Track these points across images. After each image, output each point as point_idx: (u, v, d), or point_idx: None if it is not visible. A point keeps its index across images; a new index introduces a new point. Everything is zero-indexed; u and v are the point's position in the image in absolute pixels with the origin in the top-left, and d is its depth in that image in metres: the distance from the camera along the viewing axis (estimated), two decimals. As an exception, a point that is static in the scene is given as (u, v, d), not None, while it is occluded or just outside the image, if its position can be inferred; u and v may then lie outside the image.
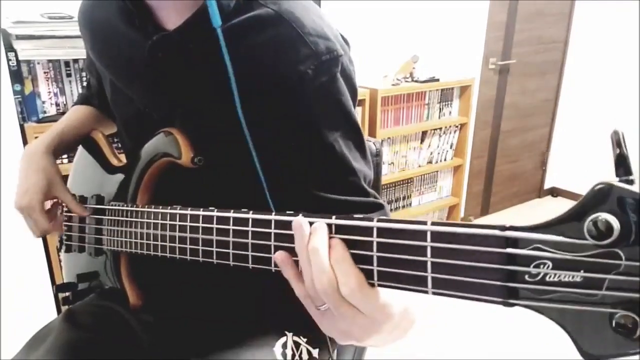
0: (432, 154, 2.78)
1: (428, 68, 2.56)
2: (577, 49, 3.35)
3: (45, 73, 1.55)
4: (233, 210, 0.53)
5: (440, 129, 2.76)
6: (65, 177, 0.85)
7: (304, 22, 0.64)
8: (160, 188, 0.75)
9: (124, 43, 0.74)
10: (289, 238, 0.46)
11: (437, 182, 2.93)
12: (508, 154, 3.36)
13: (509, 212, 3.52)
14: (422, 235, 0.36)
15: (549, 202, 3.70)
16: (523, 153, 3.47)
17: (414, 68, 2.52)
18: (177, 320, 0.80)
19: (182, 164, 0.69)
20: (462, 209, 3.09)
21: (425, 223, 0.36)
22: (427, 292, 0.36)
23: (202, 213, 0.57)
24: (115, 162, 0.84)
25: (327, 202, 0.65)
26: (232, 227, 0.52)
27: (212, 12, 0.62)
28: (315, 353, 0.76)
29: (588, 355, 0.30)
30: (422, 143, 2.72)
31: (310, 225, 0.44)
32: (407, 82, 2.49)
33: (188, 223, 0.59)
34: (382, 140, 2.48)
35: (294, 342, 0.75)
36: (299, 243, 0.44)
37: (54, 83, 1.57)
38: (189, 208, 0.60)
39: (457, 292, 0.35)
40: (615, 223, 0.28)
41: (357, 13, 2.33)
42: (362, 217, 0.41)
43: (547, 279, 0.31)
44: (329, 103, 0.65)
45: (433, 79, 2.53)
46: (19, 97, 1.53)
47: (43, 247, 1.68)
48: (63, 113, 1.54)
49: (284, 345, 0.74)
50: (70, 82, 1.59)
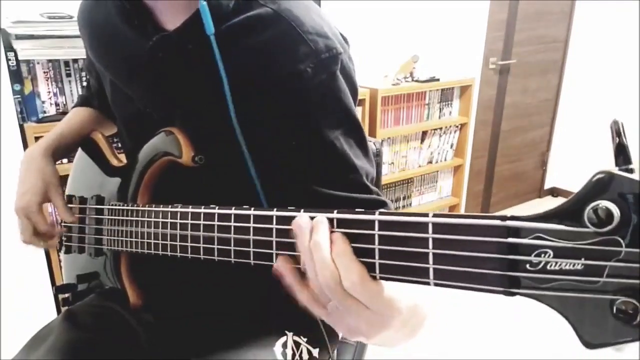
0: (432, 154, 2.78)
1: (428, 68, 2.56)
2: (577, 49, 3.35)
3: (45, 73, 1.55)
4: (234, 207, 0.53)
5: (441, 129, 2.76)
6: (66, 177, 0.85)
7: (303, 20, 0.64)
8: (160, 188, 0.75)
9: (124, 43, 0.74)
10: (290, 234, 0.46)
11: (437, 182, 2.93)
12: (508, 154, 3.36)
13: (509, 212, 3.50)
14: (423, 227, 0.36)
15: (550, 202, 3.70)
16: (523, 153, 3.47)
17: (414, 68, 2.52)
18: (177, 320, 0.80)
19: (182, 163, 0.69)
20: (462, 209, 3.09)
21: (427, 215, 0.36)
22: (429, 283, 0.36)
23: (203, 210, 0.57)
24: (116, 162, 0.84)
25: (329, 199, 0.65)
26: (233, 223, 0.52)
27: (205, 19, 0.62)
28: (316, 353, 0.76)
29: (589, 344, 0.30)
30: (422, 143, 2.72)
31: (312, 220, 0.44)
32: (407, 82, 2.49)
33: (189, 221, 0.59)
34: (382, 140, 2.48)
35: (294, 341, 0.75)
36: (301, 240, 0.44)
37: (54, 83, 1.57)
38: (190, 206, 0.60)
39: (458, 282, 0.35)
40: (616, 210, 0.28)
41: (357, 13, 2.33)
42: (363, 210, 0.42)
43: (548, 268, 0.31)
44: (329, 101, 0.65)
45: (433, 79, 2.53)
46: (19, 97, 1.52)
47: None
48: (63, 113, 1.54)
49: (284, 345, 0.73)
50: (70, 82, 1.59)
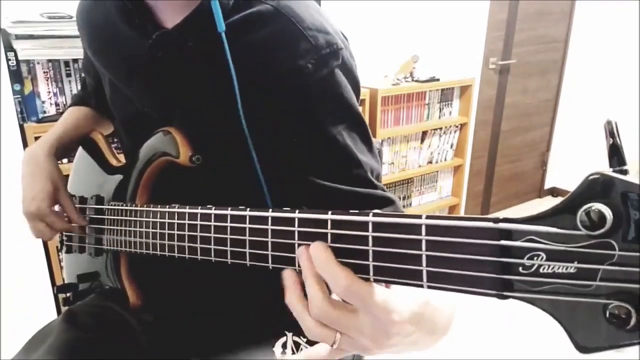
0: (432, 154, 2.78)
1: (428, 68, 2.56)
2: (577, 49, 3.35)
3: (45, 73, 1.55)
4: (231, 208, 0.53)
5: (441, 129, 2.75)
6: (66, 177, 0.85)
7: (303, 17, 0.63)
8: (159, 188, 0.75)
9: (123, 42, 0.74)
10: (286, 234, 0.46)
11: (437, 182, 2.92)
12: (508, 154, 3.36)
13: (509, 212, 3.52)
14: (417, 229, 0.36)
15: (550, 202, 3.69)
16: (523, 153, 3.47)
17: (414, 68, 2.52)
18: (177, 321, 0.80)
19: (180, 163, 0.69)
20: (462, 209, 3.09)
21: (420, 216, 0.36)
22: (422, 286, 0.36)
23: (199, 211, 0.57)
24: (115, 162, 0.84)
25: (334, 193, 0.64)
26: (229, 224, 0.52)
27: (217, 17, 0.62)
28: (316, 353, 0.76)
29: (582, 348, 0.29)
30: (422, 143, 2.72)
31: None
32: (407, 82, 2.49)
33: (187, 221, 0.59)
34: (382, 140, 2.48)
35: (294, 342, 0.75)
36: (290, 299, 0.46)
37: (54, 83, 1.57)
38: (188, 206, 0.60)
39: (451, 285, 0.35)
40: (608, 213, 0.27)
41: (357, 13, 2.33)
42: (357, 212, 0.41)
43: (541, 271, 0.31)
44: (331, 96, 0.65)
45: (433, 79, 2.53)
46: (19, 97, 1.53)
47: (43, 247, 1.68)
48: (63, 113, 1.54)
49: (284, 345, 0.73)
50: (70, 82, 1.59)
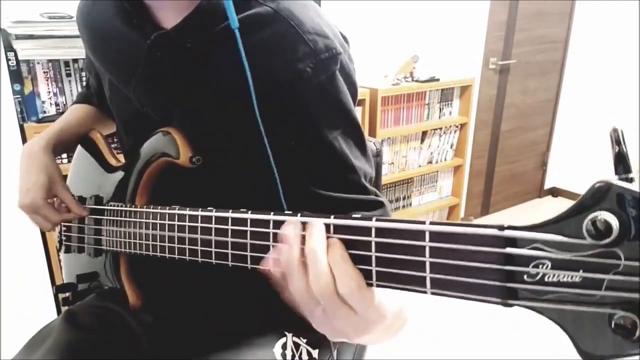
0: (432, 154, 2.78)
1: (428, 68, 2.56)
2: (577, 49, 3.35)
3: (45, 73, 1.55)
4: (231, 210, 0.52)
5: (441, 129, 2.75)
6: (65, 177, 0.84)
7: (303, 20, 0.63)
8: (159, 188, 0.74)
9: (123, 42, 0.74)
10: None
11: (437, 182, 2.92)
12: (508, 154, 3.36)
13: (509, 212, 3.52)
14: (420, 235, 0.36)
15: (550, 202, 3.69)
16: (523, 153, 3.47)
17: (414, 68, 2.52)
18: (177, 321, 0.80)
19: (180, 164, 0.68)
20: (462, 209, 3.09)
21: (424, 223, 0.36)
22: (425, 292, 0.36)
23: (200, 213, 0.57)
24: (114, 162, 0.84)
25: (327, 200, 0.65)
26: (230, 227, 0.52)
27: (230, 14, 0.60)
28: (315, 354, 0.76)
29: (587, 356, 0.29)
30: (422, 143, 2.72)
31: (304, 226, 0.43)
32: (407, 82, 2.49)
33: (187, 223, 0.59)
34: (382, 140, 2.48)
35: (294, 342, 0.75)
36: (288, 251, 0.43)
37: (54, 83, 1.57)
38: (188, 208, 0.60)
39: (455, 292, 0.35)
40: (615, 222, 0.27)
41: (357, 13, 2.33)
42: (360, 217, 0.41)
43: (546, 279, 0.31)
44: (329, 101, 0.65)
45: (433, 79, 2.53)
46: (19, 97, 1.53)
47: (43, 247, 1.68)
48: (63, 113, 1.53)
49: (284, 346, 0.73)
50: (70, 82, 1.59)
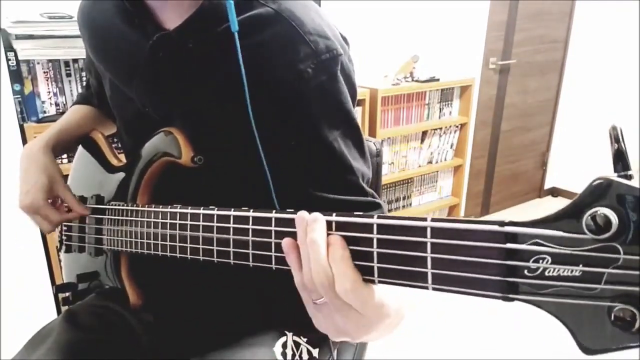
0: (432, 154, 2.78)
1: (428, 68, 2.56)
2: (577, 49, 3.35)
3: (45, 73, 1.55)
4: (233, 209, 0.53)
5: (441, 129, 2.76)
6: (65, 177, 0.84)
7: (304, 21, 0.64)
8: (160, 188, 0.75)
9: (124, 43, 0.74)
10: (289, 236, 0.46)
11: (437, 182, 2.93)
12: (508, 154, 3.36)
13: (509, 212, 3.52)
14: (422, 232, 0.36)
15: (549, 202, 3.70)
16: (523, 153, 3.47)
17: (414, 68, 2.52)
18: (177, 320, 0.80)
19: (182, 164, 0.69)
20: (462, 209, 3.09)
21: (425, 219, 0.36)
22: (427, 287, 0.36)
23: (202, 212, 0.57)
24: (115, 162, 0.84)
25: (324, 201, 0.65)
26: (232, 225, 0.52)
27: (231, 17, 0.61)
28: (315, 353, 0.76)
29: (587, 350, 0.30)
30: (422, 143, 2.72)
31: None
32: (407, 82, 2.49)
33: (188, 222, 0.59)
34: (382, 140, 2.48)
35: (294, 342, 0.75)
36: (301, 235, 0.45)
37: (54, 83, 1.57)
38: (189, 207, 0.60)
39: (457, 287, 0.35)
40: (614, 217, 0.28)
41: (357, 13, 2.33)
42: (362, 214, 0.41)
43: (546, 274, 0.31)
44: (329, 102, 0.65)
45: (433, 79, 2.53)
46: (19, 97, 1.53)
47: (43, 247, 1.68)
48: (63, 113, 1.53)
49: (284, 345, 0.74)
50: (70, 82, 1.59)
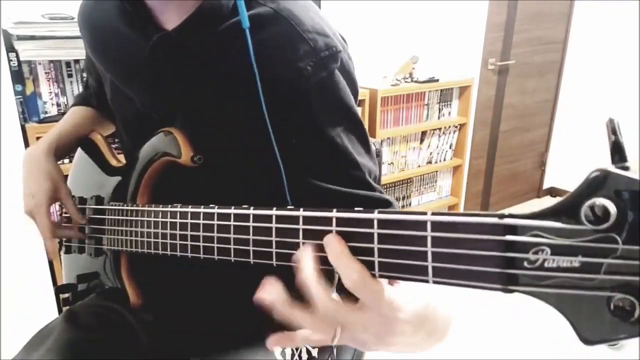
0: (431, 154, 2.79)
1: (427, 68, 2.57)
2: (576, 50, 3.35)
3: (47, 73, 1.55)
4: (234, 207, 0.53)
5: (440, 129, 2.76)
6: (65, 177, 0.85)
7: (303, 19, 0.64)
8: (160, 188, 0.75)
9: (124, 43, 0.74)
10: (290, 233, 0.46)
11: (436, 182, 2.93)
12: (507, 154, 3.37)
13: (508, 211, 3.51)
14: (422, 226, 0.36)
15: (548, 202, 3.65)
16: (522, 153, 3.47)
17: (414, 68, 2.52)
18: (177, 320, 0.80)
19: (182, 163, 0.69)
20: (461, 209, 3.09)
21: (425, 213, 0.36)
22: (427, 281, 0.36)
23: (202, 210, 0.57)
24: (115, 162, 0.84)
25: (332, 195, 0.65)
26: (232, 223, 0.52)
27: (241, 13, 0.62)
28: (315, 353, 0.76)
29: (587, 340, 0.30)
30: (421, 143, 2.72)
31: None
32: (406, 82, 2.49)
33: (189, 220, 0.59)
34: (381, 141, 2.48)
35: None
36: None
37: (55, 83, 1.57)
38: (190, 206, 0.60)
39: (457, 280, 0.35)
40: (612, 208, 0.28)
41: (357, 13, 2.34)
42: (362, 209, 0.42)
43: (545, 265, 0.31)
44: (329, 99, 0.65)
45: (432, 79, 2.54)
46: (20, 97, 1.53)
47: (43, 247, 1.67)
48: (64, 113, 1.54)
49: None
50: (72, 82, 1.60)
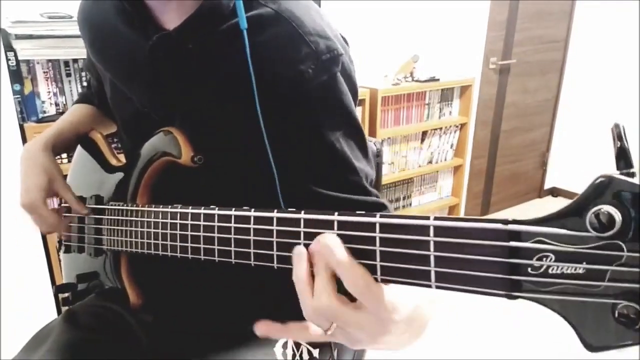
0: (432, 154, 2.78)
1: (428, 68, 2.56)
2: (577, 49, 3.35)
3: (45, 73, 1.55)
4: (234, 209, 0.53)
5: (441, 129, 2.76)
6: (65, 177, 0.84)
7: (304, 21, 0.64)
8: (160, 188, 0.75)
9: (124, 43, 0.74)
10: (291, 235, 0.46)
11: (437, 182, 2.93)
12: (508, 154, 3.36)
13: (509, 212, 3.52)
14: (425, 230, 0.36)
15: (550, 202, 3.70)
16: (523, 153, 3.47)
17: (414, 68, 2.52)
18: (177, 320, 0.80)
19: (182, 163, 0.69)
20: (462, 209, 3.09)
21: (428, 218, 0.36)
22: (430, 286, 0.36)
23: (203, 211, 0.57)
24: (114, 162, 0.84)
25: (329, 199, 0.65)
26: (233, 224, 0.52)
27: (240, 14, 0.61)
28: (316, 353, 0.76)
29: (591, 347, 0.30)
30: (422, 143, 2.72)
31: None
32: (407, 82, 2.49)
33: (189, 221, 0.59)
34: (382, 140, 2.48)
35: (295, 342, 0.75)
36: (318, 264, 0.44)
37: (54, 83, 1.57)
38: (190, 206, 0.60)
39: (460, 285, 0.35)
40: (617, 215, 0.28)
41: (357, 13, 2.33)
42: (364, 213, 0.41)
43: (550, 272, 0.31)
44: (330, 102, 0.65)
45: (433, 79, 2.53)
46: (19, 97, 1.53)
47: (43, 247, 1.68)
48: (62, 113, 1.54)
49: (285, 345, 0.74)
50: (70, 82, 1.59)
